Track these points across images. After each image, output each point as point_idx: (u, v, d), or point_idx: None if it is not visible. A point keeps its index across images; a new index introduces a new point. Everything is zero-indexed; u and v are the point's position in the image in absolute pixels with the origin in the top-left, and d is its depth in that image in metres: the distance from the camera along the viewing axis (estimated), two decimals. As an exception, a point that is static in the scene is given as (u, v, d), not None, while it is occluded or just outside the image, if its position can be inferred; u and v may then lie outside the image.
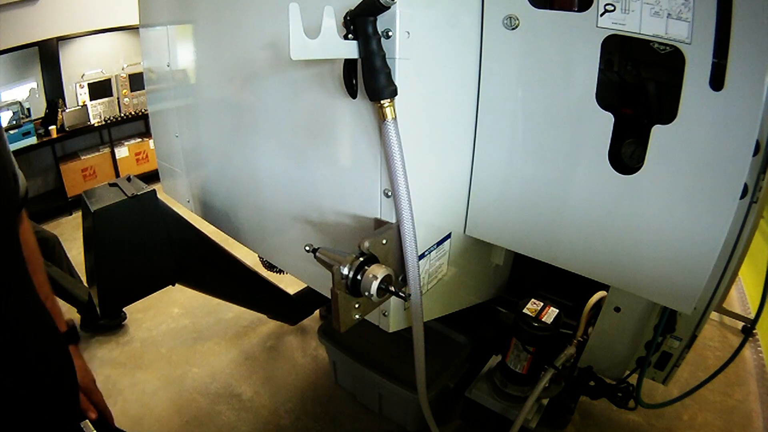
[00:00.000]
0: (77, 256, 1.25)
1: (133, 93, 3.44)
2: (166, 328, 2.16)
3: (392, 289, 0.74)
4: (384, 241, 0.77)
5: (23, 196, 0.72)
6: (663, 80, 0.89)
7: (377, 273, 0.71)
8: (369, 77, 0.67)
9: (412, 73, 0.74)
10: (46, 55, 3.07)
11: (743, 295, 2.31)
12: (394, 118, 0.69)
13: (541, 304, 1.31)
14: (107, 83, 3.34)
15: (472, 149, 0.97)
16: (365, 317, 0.80)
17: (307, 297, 1.92)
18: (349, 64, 0.72)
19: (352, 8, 0.65)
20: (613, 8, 0.73)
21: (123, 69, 3.41)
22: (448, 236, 0.99)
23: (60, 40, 3.10)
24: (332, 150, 0.87)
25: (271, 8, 0.86)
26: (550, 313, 1.29)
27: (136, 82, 3.40)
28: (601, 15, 0.74)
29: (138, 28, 1.33)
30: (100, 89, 3.31)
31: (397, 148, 0.70)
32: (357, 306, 0.76)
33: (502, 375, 1.40)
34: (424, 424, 1.24)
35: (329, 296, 0.75)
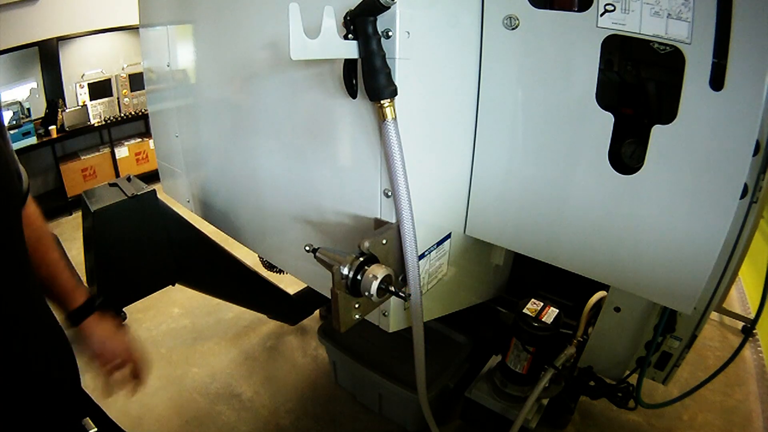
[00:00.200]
0: (77, 256, 1.25)
1: (133, 93, 3.44)
2: (166, 328, 2.16)
3: (392, 289, 0.74)
4: (384, 241, 0.77)
5: (26, 190, 0.73)
6: (663, 80, 0.89)
7: (377, 273, 0.71)
8: (369, 77, 0.67)
9: (412, 73, 0.74)
10: (46, 55, 3.07)
11: (743, 295, 2.31)
12: (394, 118, 0.69)
13: (541, 304, 1.31)
14: (107, 83, 3.34)
15: (472, 149, 0.97)
16: (365, 317, 0.80)
17: (307, 297, 1.92)
18: (349, 64, 0.72)
19: (352, 8, 0.65)
20: (613, 8, 0.73)
21: (123, 69, 3.41)
22: (448, 236, 0.99)
23: (60, 40, 3.10)
24: (332, 150, 0.87)
25: (271, 8, 0.86)
26: (550, 313, 1.29)
27: (136, 82, 3.40)
28: (601, 15, 0.74)
29: (138, 28, 1.33)
30: (100, 89, 3.31)
31: (397, 148, 0.70)
32: (357, 306, 0.76)
33: (502, 375, 1.40)
34: (424, 424, 1.24)
35: (329, 296, 0.75)
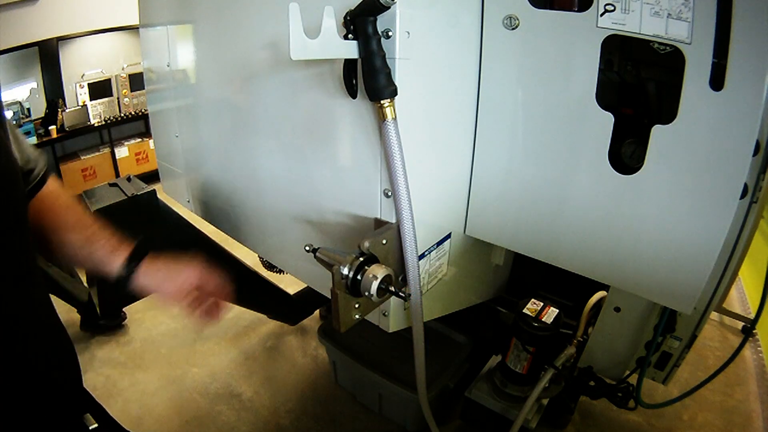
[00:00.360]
0: (77, 256, 1.26)
1: (133, 93, 3.44)
2: (166, 328, 2.16)
3: (392, 289, 0.74)
4: (384, 241, 0.77)
5: (43, 171, 0.72)
6: (663, 80, 0.89)
7: (377, 273, 0.71)
8: (369, 77, 0.67)
9: (412, 73, 0.73)
10: (46, 55, 3.07)
11: (743, 295, 2.31)
12: (394, 118, 0.69)
13: (541, 304, 1.31)
14: (107, 83, 3.34)
15: (472, 149, 0.97)
16: (365, 317, 0.80)
17: (307, 297, 1.92)
18: (349, 64, 0.72)
19: (352, 8, 0.65)
20: (613, 8, 0.73)
21: (123, 69, 3.41)
22: (448, 236, 0.99)
23: (60, 40, 3.10)
24: (332, 150, 0.87)
25: (271, 8, 0.86)
26: (550, 313, 1.29)
27: (136, 82, 3.40)
28: (601, 15, 0.74)
29: (138, 28, 1.33)
30: (100, 89, 3.32)
31: (397, 148, 0.70)
32: (357, 306, 0.76)
33: (502, 375, 1.40)
34: (424, 424, 1.24)
35: (329, 296, 0.75)
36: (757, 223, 0.96)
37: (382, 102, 0.68)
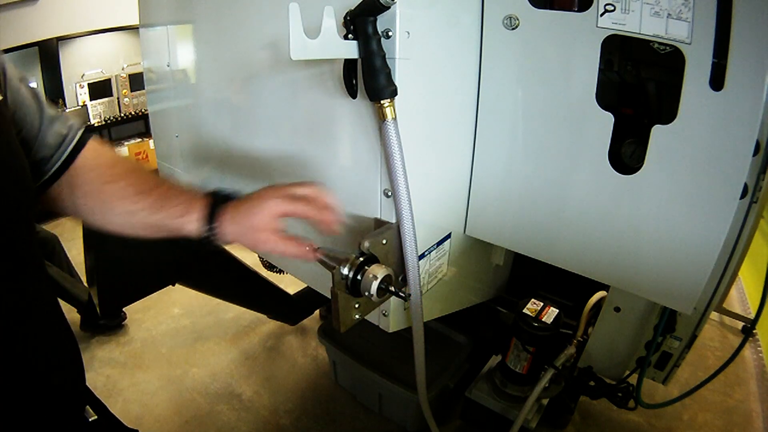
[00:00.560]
0: (77, 256, 1.25)
1: (133, 93, 3.44)
2: (166, 328, 2.16)
3: (392, 289, 0.74)
4: (384, 241, 0.77)
5: (76, 136, 0.66)
6: (663, 80, 0.89)
7: (377, 273, 0.71)
8: (369, 77, 0.67)
9: (412, 73, 0.73)
10: (46, 55, 3.06)
11: (743, 295, 2.31)
12: (394, 118, 0.69)
13: (541, 304, 1.31)
14: (107, 83, 3.34)
15: (472, 149, 0.97)
16: (365, 317, 0.80)
17: (307, 297, 1.92)
18: (349, 64, 0.72)
19: (352, 8, 0.65)
20: (613, 8, 0.73)
21: (123, 69, 3.41)
22: (448, 236, 0.99)
23: (60, 40, 3.10)
24: (332, 150, 0.87)
25: (271, 8, 0.86)
26: (550, 313, 1.29)
27: (136, 82, 3.40)
28: (601, 15, 0.74)
29: (138, 28, 1.33)
30: (100, 89, 3.31)
31: (397, 148, 0.70)
32: (357, 306, 0.76)
33: (502, 375, 1.40)
34: (424, 424, 1.24)
35: (329, 296, 0.75)
36: (757, 223, 0.96)
37: (382, 102, 0.68)
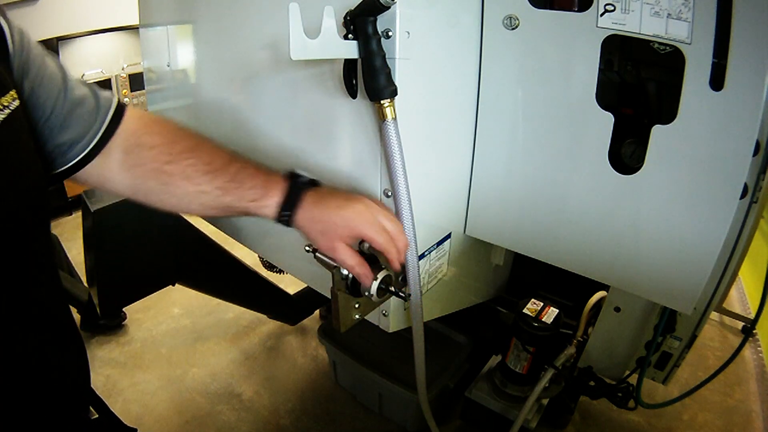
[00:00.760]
0: (77, 256, 1.25)
1: (133, 93, 3.44)
2: (166, 328, 2.16)
3: (392, 289, 0.74)
4: (384, 241, 0.76)
5: (111, 110, 0.63)
6: (663, 80, 0.89)
7: (377, 273, 0.71)
8: (369, 77, 0.67)
9: (412, 73, 0.73)
10: (46, 55, 3.06)
11: (743, 295, 2.31)
12: (394, 118, 0.69)
13: (541, 304, 1.31)
14: (107, 83, 3.34)
15: (472, 149, 0.97)
16: (365, 317, 0.80)
17: (307, 297, 1.92)
18: (349, 64, 0.72)
19: (352, 8, 0.65)
20: (613, 8, 0.73)
21: (123, 69, 3.41)
22: (448, 236, 0.99)
23: (60, 40, 3.09)
24: (332, 150, 0.87)
25: (271, 8, 0.86)
26: (550, 313, 1.29)
27: (136, 82, 3.39)
28: (601, 15, 0.74)
29: (138, 28, 1.33)
30: (100, 89, 3.31)
31: (397, 148, 0.70)
32: (357, 306, 0.76)
33: (502, 375, 1.40)
34: (424, 424, 1.24)
35: (329, 296, 0.75)
36: (757, 223, 0.96)
37: (382, 102, 0.68)
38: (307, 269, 1.01)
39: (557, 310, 1.30)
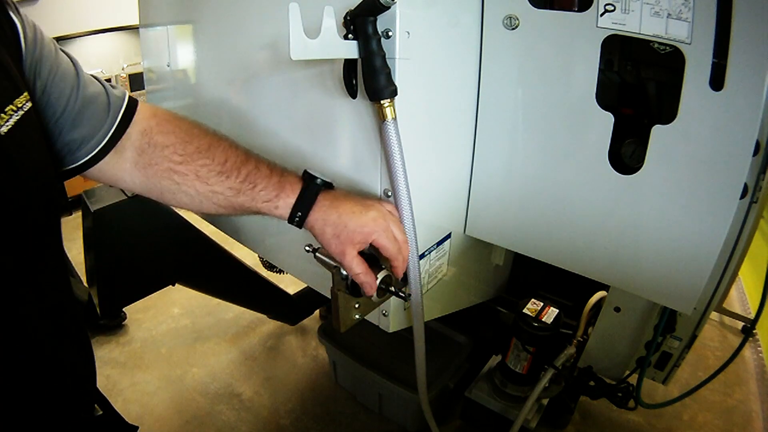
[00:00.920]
0: (77, 256, 1.25)
1: (133, 93, 3.43)
2: (166, 328, 2.16)
3: (392, 289, 0.74)
4: (384, 241, 0.76)
5: (122, 106, 0.63)
6: (663, 80, 0.89)
7: (377, 273, 0.71)
8: (369, 77, 0.67)
9: (412, 73, 0.73)
10: (46, 55, 3.06)
11: (743, 295, 2.31)
12: (394, 118, 0.69)
13: (541, 304, 1.31)
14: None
15: (472, 149, 0.97)
16: (365, 317, 0.80)
17: (307, 297, 1.93)
18: (349, 64, 0.72)
19: (352, 8, 0.65)
20: (613, 8, 0.73)
21: (123, 69, 3.41)
22: (448, 236, 0.99)
23: (60, 40, 3.09)
24: (332, 150, 0.87)
25: (271, 8, 0.86)
26: (550, 313, 1.29)
27: (136, 82, 3.39)
28: (601, 15, 0.74)
29: (138, 28, 1.33)
30: (100, 89, 3.31)
31: (397, 148, 0.70)
32: (357, 306, 0.76)
33: (502, 375, 1.40)
34: (424, 424, 1.24)
35: (329, 296, 0.75)
36: (757, 223, 0.96)
37: (382, 102, 0.68)
38: (307, 269, 1.02)
39: (557, 310, 1.30)
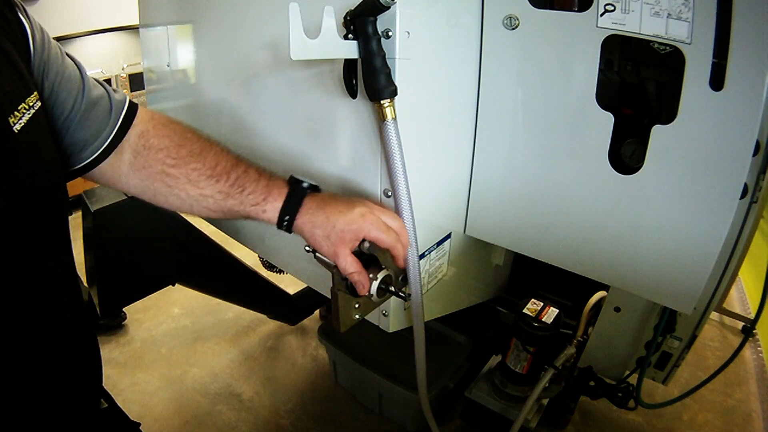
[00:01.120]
0: (77, 256, 1.25)
1: (133, 93, 3.43)
2: (166, 328, 2.16)
3: (392, 289, 0.74)
4: (384, 241, 0.76)
5: (122, 109, 0.65)
6: (663, 80, 0.89)
7: (377, 273, 0.71)
8: (369, 77, 0.67)
9: (412, 73, 0.74)
10: (46, 55, 3.06)
11: (743, 295, 2.31)
12: (394, 118, 0.69)
13: (541, 304, 1.31)
14: (107, 83, 3.34)
15: (472, 149, 0.97)
16: (365, 317, 0.80)
17: (307, 297, 1.92)
18: (349, 64, 0.72)
19: (352, 8, 0.65)
20: (613, 8, 0.73)
21: (123, 69, 3.41)
22: (448, 236, 0.99)
23: (60, 40, 3.09)
24: (332, 150, 0.87)
25: (271, 8, 0.86)
26: (550, 313, 1.29)
27: (136, 82, 3.39)
28: (601, 15, 0.74)
29: (138, 28, 1.33)
30: (100, 89, 3.31)
31: (397, 148, 0.70)
32: (357, 306, 0.76)
33: (502, 375, 1.40)
34: (424, 424, 1.24)
35: (329, 296, 0.75)
36: (757, 223, 0.96)
37: (382, 102, 0.68)
38: (307, 269, 1.02)
39: (557, 310, 1.30)
